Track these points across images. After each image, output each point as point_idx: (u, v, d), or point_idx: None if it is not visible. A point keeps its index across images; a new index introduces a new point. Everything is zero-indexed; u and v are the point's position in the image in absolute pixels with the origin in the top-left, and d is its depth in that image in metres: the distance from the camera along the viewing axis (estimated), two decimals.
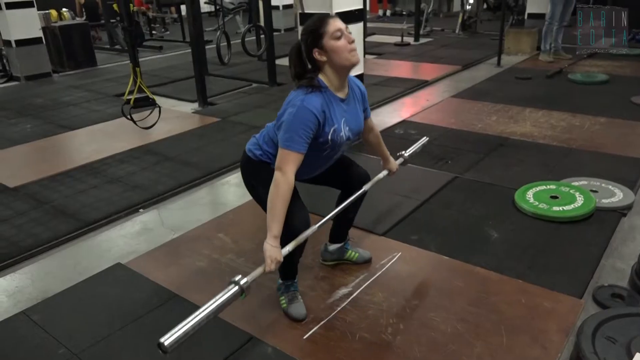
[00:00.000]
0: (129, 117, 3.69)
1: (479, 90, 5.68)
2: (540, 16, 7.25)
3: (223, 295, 1.61)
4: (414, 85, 5.93)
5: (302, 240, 1.90)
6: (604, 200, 2.96)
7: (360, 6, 4.07)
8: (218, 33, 5.37)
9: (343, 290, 2.31)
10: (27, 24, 6.82)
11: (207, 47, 6.79)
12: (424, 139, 2.73)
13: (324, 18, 1.87)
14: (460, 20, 9.46)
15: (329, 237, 2.46)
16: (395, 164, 2.42)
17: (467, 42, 8.57)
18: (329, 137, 1.91)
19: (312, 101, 1.83)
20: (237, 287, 1.63)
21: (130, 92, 3.68)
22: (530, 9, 7.88)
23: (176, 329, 1.46)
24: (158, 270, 2.53)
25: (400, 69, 6.92)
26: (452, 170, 3.54)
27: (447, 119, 4.73)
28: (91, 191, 3.45)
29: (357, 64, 1.90)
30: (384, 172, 2.39)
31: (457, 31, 9.41)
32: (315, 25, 1.87)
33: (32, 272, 2.63)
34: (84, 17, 9.72)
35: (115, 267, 2.57)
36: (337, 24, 1.86)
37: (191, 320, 1.50)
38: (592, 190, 3.06)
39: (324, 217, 2.04)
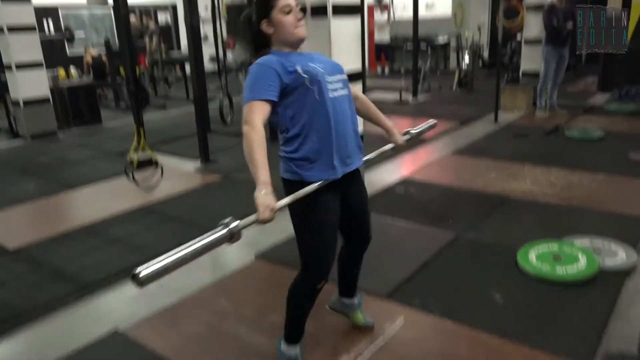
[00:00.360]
0: (131, 178, 3.73)
1: (477, 147, 5.76)
2: (535, 74, 7.45)
3: (211, 235, 1.52)
4: (413, 143, 5.99)
5: (301, 195, 1.81)
6: (607, 260, 2.94)
7: (359, 66, 4.21)
8: (221, 94, 5.50)
9: (344, 358, 2.26)
10: (36, 84, 7.01)
11: (210, 104, 6.95)
12: (432, 121, 2.63)
13: None
14: (456, 77, 9.71)
15: (338, 290, 2.41)
16: (401, 137, 2.34)
17: (464, 99, 8.77)
18: (301, 72, 1.85)
19: (265, 58, 1.88)
20: (226, 230, 1.53)
21: (134, 153, 3.74)
22: (525, 66, 8.11)
23: (155, 261, 1.36)
24: (156, 338, 2.48)
25: (400, 125, 6.91)
26: (453, 229, 3.53)
27: (447, 176, 4.77)
28: (91, 253, 3.43)
29: (303, 38, 1.95)
30: (389, 145, 2.32)
31: (454, 88, 9.64)
32: None
33: (28, 337, 2.58)
34: (91, 77, 9.98)
35: (112, 335, 2.52)
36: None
37: (173, 255, 1.40)
38: (594, 251, 3.04)
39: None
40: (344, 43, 3.94)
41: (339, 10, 3.83)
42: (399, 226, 3.67)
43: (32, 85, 6.98)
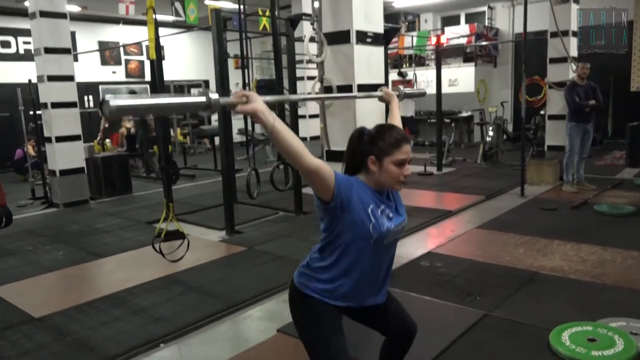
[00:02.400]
0: (158, 250, 3.80)
1: (504, 221, 5.69)
2: (560, 148, 7.45)
3: (190, 98, 1.56)
4: (438, 215, 5.98)
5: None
6: None
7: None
8: (249, 170, 5.65)
9: None
10: (72, 156, 7.33)
11: (237, 175, 7.11)
12: (423, 90, 2.91)
13: (401, 141, 1.85)
14: (481, 150, 9.76)
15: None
16: (389, 90, 2.58)
17: (489, 172, 8.76)
18: (370, 216, 1.79)
19: (344, 177, 1.83)
20: (204, 98, 1.54)
21: (162, 227, 3.83)
22: (549, 141, 8.13)
23: (130, 97, 1.40)
24: None
25: (425, 198, 7.04)
26: (481, 307, 3.43)
27: (474, 251, 4.69)
28: (114, 323, 3.43)
29: (398, 191, 1.92)
30: (379, 93, 2.57)
31: (478, 161, 9.68)
32: (389, 141, 1.84)
33: None
34: (125, 148, 10.41)
35: None
36: (406, 153, 1.85)
37: (148, 99, 1.46)
38: (632, 333, 2.90)
39: None
40: (369, 119, 4.05)
41: (364, 89, 3.96)
42: (424, 302, 3.58)
43: (69, 156, 7.29)
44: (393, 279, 3.82)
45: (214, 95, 1.57)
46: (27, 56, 10.59)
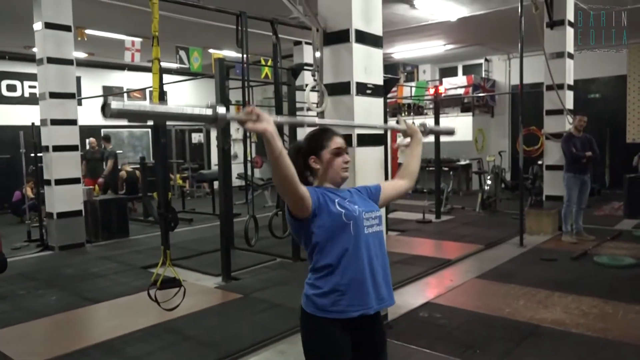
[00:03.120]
0: (153, 298, 3.74)
1: (503, 271, 5.63)
2: (558, 198, 7.47)
3: (197, 109, 1.51)
4: (437, 264, 5.93)
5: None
6: None
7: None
8: (247, 217, 5.64)
9: None
10: (71, 198, 7.32)
11: (235, 220, 7.08)
12: (452, 127, 2.64)
13: (328, 131, 2.03)
14: (479, 199, 9.78)
15: None
16: (409, 123, 2.42)
17: (488, 221, 8.75)
18: (339, 208, 1.89)
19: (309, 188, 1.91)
20: (210, 111, 1.50)
21: (158, 275, 3.78)
22: (547, 191, 8.17)
23: (134, 102, 1.38)
24: None
25: (423, 246, 6.99)
26: None
27: (473, 302, 4.62)
28: None
29: (346, 179, 2.02)
30: (397, 125, 2.43)
31: (477, 209, 9.68)
32: (320, 136, 2.01)
33: None
34: (124, 191, 10.42)
35: None
36: (339, 141, 2.01)
37: (152, 105, 1.43)
38: None
39: None
40: (367, 171, 4.08)
41: (364, 140, 4.01)
42: (423, 356, 3.50)
43: (68, 199, 7.28)
44: (391, 329, 3.76)
45: (222, 109, 1.55)
46: (32, 100, 10.77)
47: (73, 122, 7.37)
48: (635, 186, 8.65)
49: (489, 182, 9.95)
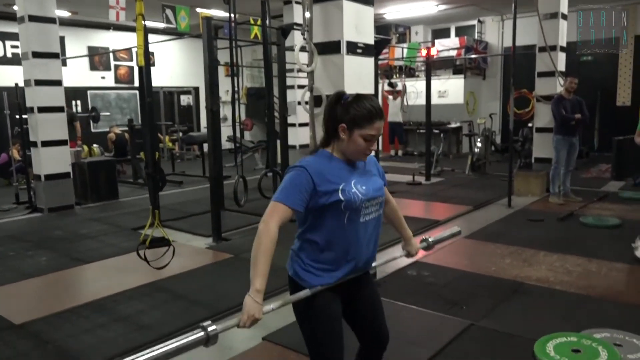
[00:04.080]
0: (143, 257, 3.75)
1: (491, 231, 5.71)
2: (547, 160, 7.52)
3: (185, 338, 1.49)
4: (426, 225, 5.99)
5: (293, 300, 1.86)
6: (629, 356, 2.80)
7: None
8: (236, 177, 5.62)
9: None
10: (58, 160, 7.25)
11: (225, 182, 7.06)
12: (456, 229, 2.45)
13: (375, 116, 1.85)
14: (469, 161, 9.83)
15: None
16: (416, 246, 2.24)
17: (477, 183, 8.81)
18: (340, 197, 1.83)
19: (311, 163, 1.86)
20: (202, 333, 1.51)
21: (147, 234, 3.79)
22: (537, 153, 8.21)
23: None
24: None
25: (413, 208, 7.05)
26: (467, 316, 3.43)
27: (461, 261, 4.70)
28: (96, 330, 3.37)
29: (363, 162, 1.95)
30: (402, 253, 2.24)
31: (466, 172, 9.74)
32: (362, 113, 1.84)
33: None
34: (113, 153, 10.33)
35: None
36: (377, 130, 1.86)
37: (144, 355, 1.39)
38: (615, 344, 2.91)
39: None
40: None
41: None
42: (411, 312, 3.57)
43: (55, 161, 7.21)
44: (380, 287, 3.82)
45: (211, 327, 1.55)
46: (15, 60, 10.48)
47: (58, 82, 7.22)
48: (623, 148, 8.71)
49: (479, 144, 9.97)
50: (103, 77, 13.05)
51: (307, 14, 4.21)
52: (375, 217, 1.97)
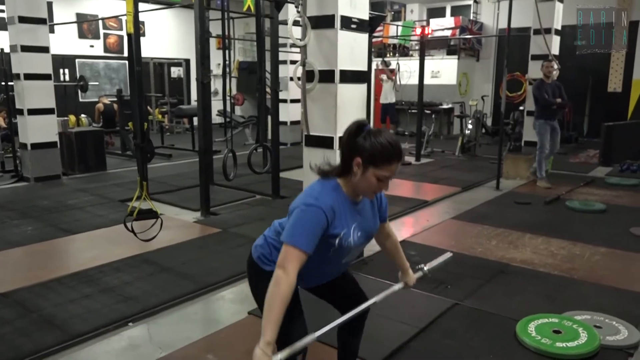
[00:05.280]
0: (130, 228, 3.73)
1: (478, 213, 5.76)
2: (536, 144, 7.55)
3: None
4: (414, 205, 6.02)
5: (299, 349, 1.71)
6: (608, 338, 2.86)
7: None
8: (226, 151, 5.58)
9: None
10: (45, 129, 7.14)
11: (215, 157, 7.03)
12: (448, 255, 2.47)
13: (393, 158, 1.77)
14: (459, 143, 9.85)
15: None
16: (413, 277, 2.26)
17: (467, 165, 8.85)
18: (336, 242, 1.82)
19: (324, 200, 1.77)
20: None
21: (134, 206, 3.76)
22: (527, 137, 8.24)
23: None
24: None
25: (402, 188, 7.07)
26: (452, 296, 3.47)
27: (447, 241, 4.74)
28: (82, 301, 3.37)
29: (371, 198, 1.92)
30: (400, 285, 2.25)
31: (456, 153, 9.76)
32: (382, 152, 1.75)
33: None
34: (101, 124, 10.19)
35: None
36: (394, 169, 1.79)
37: None
38: (595, 326, 2.97)
39: (325, 344, 1.94)
40: (349, 107, 4.03)
41: (346, 77, 3.93)
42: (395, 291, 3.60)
43: (42, 130, 7.10)
44: (367, 265, 3.84)
45: None
46: (1, 25, 10.22)
47: (45, 49, 7.05)
48: (611, 134, 8.78)
49: (470, 126, 9.98)
50: (92, 46, 12.78)
51: None
52: (360, 249, 2.03)
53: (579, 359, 2.67)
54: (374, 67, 12.05)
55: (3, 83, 7.44)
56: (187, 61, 13.89)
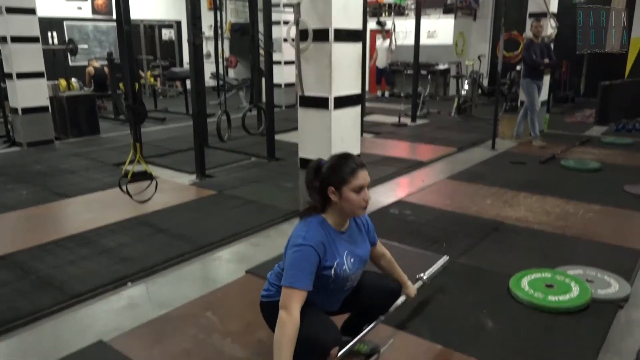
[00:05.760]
0: (125, 190, 3.71)
1: (474, 172, 5.77)
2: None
3: None
4: (410, 166, 6.02)
5: None
6: (599, 291, 2.91)
7: (359, 91, 4.22)
8: (219, 112, 5.51)
9: None
10: (35, 93, 7.03)
11: (208, 120, 6.94)
12: (444, 259, 2.65)
13: (356, 169, 1.90)
14: (456, 103, 9.78)
15: (341, 328, 2.28)
16: (413, 288, 2.38)
17: (463, 125, 8.81)
18: (332, 272, 1.92)
19: (312, 237, 1.87)
20: None
21: (129, 166, 3.73)
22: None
23: None
24: (141, 350, 2.43)
25: (397, 148, 7.06)
26: (446, 253, 3.49)
27: (443, 200, 4.76)
28: (80, 262, 3.39)
29: (362, 215, 2.02)
30: (402, 298, 2.34)
31: (452, 114, 9.71)
32: (343, 168, 1.90)
33: (9, 347, 2.52)
34: (92, 88, 10.03)
35: (96, 345, 2.47)
36: (363, 179, 1.90)
37: None
38: (587, 280, 3.02)
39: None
40: (344, 67, 3.97)
41: (341, 36, 3.85)
42: (392, 248, 3.60)
43: (32, 94, 6.99)
44: None
45: None
46: None
47: (31, 11, 6.87)
48: (608, 94, 8.72)
49: (466, 86, 9.89)
50: (79, 8, 12.45)
51: None
52: (359, 275, 2.10)
53: (570, 312, 2.72)
54: (369, 27, 11.83)
55: None
56: (179, 23, 13.58)
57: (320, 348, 1.81)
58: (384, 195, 4.90)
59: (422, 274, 2.43)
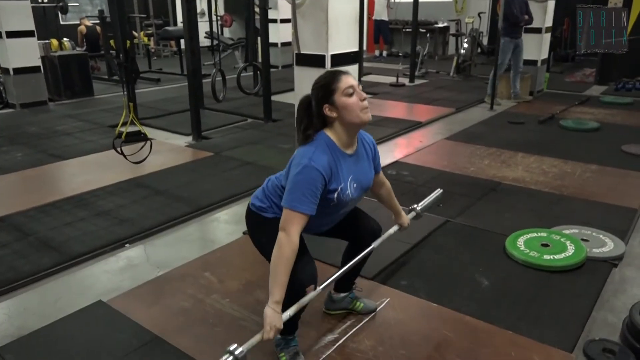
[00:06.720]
0: (119, 150, 3.67)
1: (472, 133, 5.74)
2: (532, 62, 7.41)
3: None
4: (408, 126, 5.98)
5: (305, 304, 1.83)
6: (594, 250, 2.94)
7: (357, 48, 4.13)
8: (214, 70, 5.41)
9: (329, 337, 2.25)
10: (26, 53, 6.88)
11: (204, 80, 6.84)
12: (438, 191, 2.58)
13: (335, 73, 1.86)
14: (454, 63, 9.63)
15: (334, 285, 2.34)
16: (407, 218, 2.35)
17: (461, 85, 8.71)
18: (335, 196, 1.86)
19: (319, 159, 1.79)
20: (231, 358, 1.55)
21: (123, 126, 3.68)
22: (524, 56, 8.02)
23: None
24: (140, 309, 2.47)
25: (395, 109, 6.99)
26: (443, 213, 3.52)
27: (440, 161, 4.75)
28: (78, 224, 3.39)
29: (368, 122, 1.86)
30: (395, 227, 2.32)
31: (451, 74, 9.57)
32: (326, 80, 1.85)
33: (9, 307, 2.55)
34: (85, 48, 9.82)
35: (96, 304, 2.50)
36: (348, 80, 1.83)
37: None
38: (583, 239, 3.04)
39: (330, 265, 2.00)
40: (341, 24, 3.87)
41: None
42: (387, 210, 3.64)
43: (23, 54, 6.84)
44: None
45: (238, 350, 1.56)
46: None
47: None
48: (608, 53, 8.57)
49: (465, 45, 9.71)
50: None
51: None
52: (358, 201, 2.07)
53: (565, 271, 2.75)
54: None
55: None
56: None
57: (298, 285, 1.81)
58: (382, 156, 4.80)
59: (415, 205, 2.41)
